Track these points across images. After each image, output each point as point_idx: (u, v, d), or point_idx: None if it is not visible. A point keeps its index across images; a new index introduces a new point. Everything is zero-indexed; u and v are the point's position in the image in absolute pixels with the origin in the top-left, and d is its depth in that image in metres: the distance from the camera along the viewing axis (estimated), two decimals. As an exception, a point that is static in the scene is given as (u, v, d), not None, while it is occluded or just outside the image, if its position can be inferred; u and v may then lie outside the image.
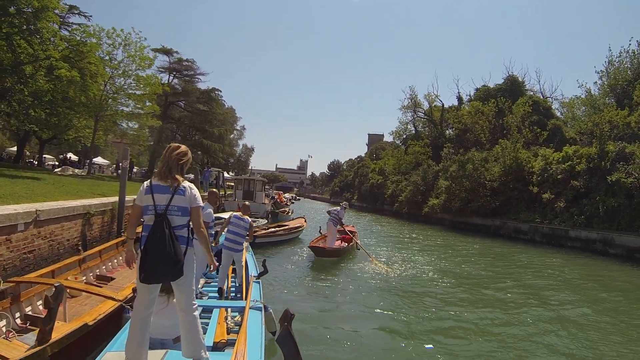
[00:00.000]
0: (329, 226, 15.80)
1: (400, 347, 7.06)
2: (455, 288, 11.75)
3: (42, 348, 4.46)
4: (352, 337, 7.36)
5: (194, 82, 49.49)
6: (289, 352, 4.64)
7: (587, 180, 25.72)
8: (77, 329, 5.06)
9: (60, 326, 5.08)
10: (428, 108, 54.67)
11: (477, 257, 18.50)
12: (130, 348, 3.91)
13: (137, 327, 3.93)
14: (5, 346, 4.58)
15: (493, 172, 32.49)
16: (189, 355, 4.08)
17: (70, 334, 4.92)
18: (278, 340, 4.79)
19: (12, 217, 7.33)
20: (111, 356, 4.18)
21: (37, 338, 4.55)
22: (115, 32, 26.88)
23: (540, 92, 48.30)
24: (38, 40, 17.85)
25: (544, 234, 26.27)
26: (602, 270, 17.17)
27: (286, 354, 4.66)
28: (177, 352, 4.23)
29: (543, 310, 10.05)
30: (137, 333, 3.92)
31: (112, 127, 31.61)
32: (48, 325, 4.56)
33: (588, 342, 7.77)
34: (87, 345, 5.32)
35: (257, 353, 4.52)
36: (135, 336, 3.92)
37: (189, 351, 4.07)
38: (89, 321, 5.33)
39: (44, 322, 4.57)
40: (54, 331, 4.66)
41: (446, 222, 36.26)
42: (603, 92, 36.92)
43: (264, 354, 4.62)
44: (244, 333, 4.70)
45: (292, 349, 4.64)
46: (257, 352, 4.53)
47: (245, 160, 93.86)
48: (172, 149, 4.13)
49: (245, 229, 8.27)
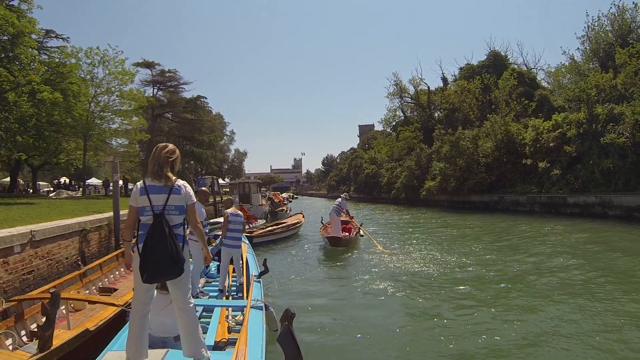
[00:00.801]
0: (332, 216, 16.02)
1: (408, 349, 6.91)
2: (462, 268, 11.49)
3: (44, 355, 4.46)
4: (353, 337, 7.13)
5: (178, 92, 49.50)
6: (290, 351, 4.59)
7: (579, 144, 25.80)
8: (79, 335, 5.06)
9: (62, 334, 5.09)
10: (414, 92, 54.78)
11: (479, 235, 18.47)
12: (131, 347, 3.93)
13: (136, 325, 3.95)
14: (8, 357, 4.59)
15: (485, 147, 32.54)
16: (189, 354, 4.08)
17: (72, 339, 4.91)
18: (279, 339, 4.75)
19: (7, 240, 7.32)
20: (112, 355, 4.19)
21: (39, 346, 4.55)
22: (93, 51, 26.85)
23: (524, 64, 48.60)
24: (18, 66, 17.79)
25: (542, 204, 26.39)
26: (606, 233, 17.11)
27: (287, 353, 4.62)
28: (178, 352, 4.23)
29: (551, 278, 10.05)
30: (137, 331, 3.94)
31: (102, 145, 31.46)
32: (47, 332, 4.56)
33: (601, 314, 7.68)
34: (89, 352, 5.30)
35: (258, 352, 4.54)
36: (134, 334, 3.94)
37: (190, 350, 4.08)
38: (90, 327, 5.33)
39: (43, 329, 4.57)
40: (55, 339, 4.67)
41: (444, 203, 36.41)
42: (586, 57, 36.91)
43: (264, 353, 4.65)
44: (245, 332, 4.74)
45: (293, 348, 4.58)
46: (258, 351, 4.55)
47: (239, 165, 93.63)
48: (160, 148, 4.12)
49: (241, 223, 8.32)
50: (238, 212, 8.36)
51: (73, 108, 21.99)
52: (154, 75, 45.97)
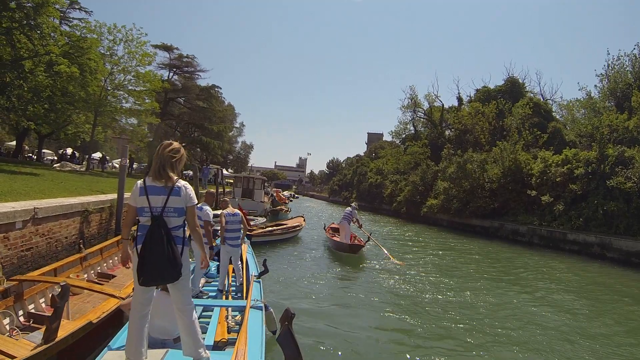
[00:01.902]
0: (343, 224, 16.85)
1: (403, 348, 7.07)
2: (457, 291, 11.61)
3: (49, 346, 4.49)
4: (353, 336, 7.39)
5: (194, 78, 49.37)
6: (290, 351, 4.68)
7: (585, 183, 25.68)
8: (82, 327, 5.09)
9: (65, 324, 5.10)
10: (428, 108, 54.58)
11: (477, 260, 18.49)
12: (130, 347, 3.95)
13: (136, 325, 3.97)
14: (12, 344, 4.60)
15: (492, 173, 32.45)
16: (189, 354, 4.11)
17: (75, 332, 4.95)
18: (279, 339, 4.83)
19: (10, 215, 7.30)
20: (112, 355, 4.21)
21: (44, 337, 4.58)
22: (116, 29, 26.87)
23: (541, 94, 48.28)
24: (38, 35, 17.76)
25: (542, 237, 26.23)
26: (602, 276, 17.04)
27: (287, 354, 4.69)
28: (177, 352, 4.26)
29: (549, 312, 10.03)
30: (136, 331, 3.95)
31: (112, 123, 31.53)
32: (54, 324, 4.60)
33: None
34: (91, 343, 5.34)
35: (257, 352, 4.55)
36: (134, 334, 3.95)
37: (189, 350, 4.10)
38: (93, 319, 5.36)
39: (50, 321, 4.59)
40: (59, 329, 4.69)
41: (444, 222, 36.26)
42: (603, 95, 36.82)
43: (264, 353, 4.66)
44: (245, 332, 4.74)
45: (293, 348, 4.68)
46: (257, 351, 4.56)
47: (245, 158, 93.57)
48: (164, 146, 4.10)
49: (239, 222, 8.33)
50: (235, 211, 8.39)
51: (88, 84, 21.96)
52: (172, 59, 45.96)
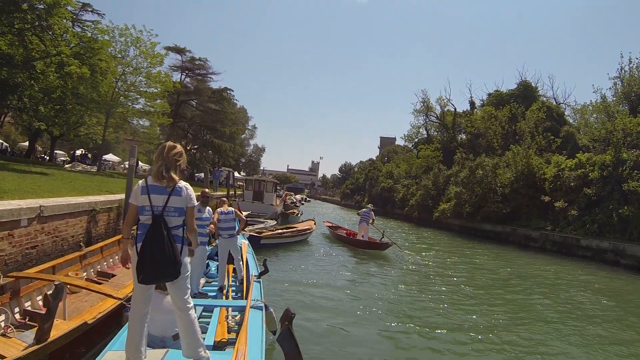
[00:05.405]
0: (362, 224, 18.75)
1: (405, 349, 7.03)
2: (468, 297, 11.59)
3: (40, 347, 4.41)
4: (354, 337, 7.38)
5: (206, 81, 49.76)
6: (290, 351, 4.69)
7: (600, 188, 25.32)
8: (76, 328, 5.01)
9: (60, 324, 5.04)
10: (440, 112, 54.38)
11: (489, 265, 18.31)
12: (130, 347, 3.95)
13: (136, 325, 3.97)
14: (3, 344, 4.55)
15: (504, 178, 32.14)
16: (188, 354, 4.11)
17: (69, 332, 4.86)
18: (279, 339, 4.85)
19: (15, 213, 7.25)
20: (112, 355, 4.19)
21: (36, 336, 4.51)
22: (127, 30, 27.06)
23: (554, 98, 47.71)
24: (50, 36, 17.91)
25: (554, 242, 25.87)
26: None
27: (287, 354, 4.70)
28: (177, 352, 4.25)
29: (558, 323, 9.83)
30: (136, 331, 3.96)
31: (123, 124, 31.74)
32: (47, 324, 4.53)
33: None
34: (87, 344, 5.28)
35: (257, 352, 4.55)
36: (134, 334, 3.96)
37: (189, 350, 4.11)
38: (89, 320, 5.28)
39: (42, 321, 4.54)
40: (53, 329, 4.62)
41: (456, 227, 35.96)
42: (617, 98, 36.39)
43: (264, 353, 4.65)
44: (245, 332, 4.77)
45: (293, 349, 4.68)
46: (257, 351, 4.56)
47: (257, 160, 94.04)
48: (169, 149, 4.15)
49: (233, 219, 8.55)
50: (229, 209, 8.60)
51: (99, 84, 22.12)
52: (184, 61, 46.27)
